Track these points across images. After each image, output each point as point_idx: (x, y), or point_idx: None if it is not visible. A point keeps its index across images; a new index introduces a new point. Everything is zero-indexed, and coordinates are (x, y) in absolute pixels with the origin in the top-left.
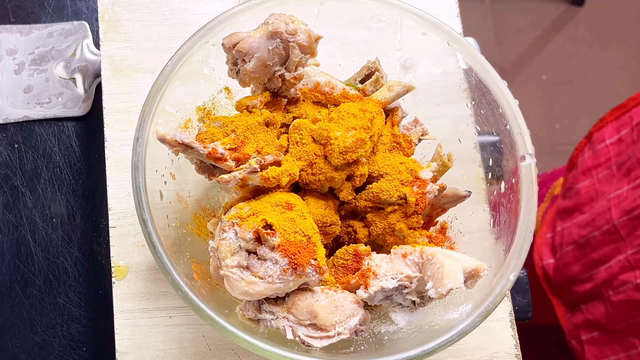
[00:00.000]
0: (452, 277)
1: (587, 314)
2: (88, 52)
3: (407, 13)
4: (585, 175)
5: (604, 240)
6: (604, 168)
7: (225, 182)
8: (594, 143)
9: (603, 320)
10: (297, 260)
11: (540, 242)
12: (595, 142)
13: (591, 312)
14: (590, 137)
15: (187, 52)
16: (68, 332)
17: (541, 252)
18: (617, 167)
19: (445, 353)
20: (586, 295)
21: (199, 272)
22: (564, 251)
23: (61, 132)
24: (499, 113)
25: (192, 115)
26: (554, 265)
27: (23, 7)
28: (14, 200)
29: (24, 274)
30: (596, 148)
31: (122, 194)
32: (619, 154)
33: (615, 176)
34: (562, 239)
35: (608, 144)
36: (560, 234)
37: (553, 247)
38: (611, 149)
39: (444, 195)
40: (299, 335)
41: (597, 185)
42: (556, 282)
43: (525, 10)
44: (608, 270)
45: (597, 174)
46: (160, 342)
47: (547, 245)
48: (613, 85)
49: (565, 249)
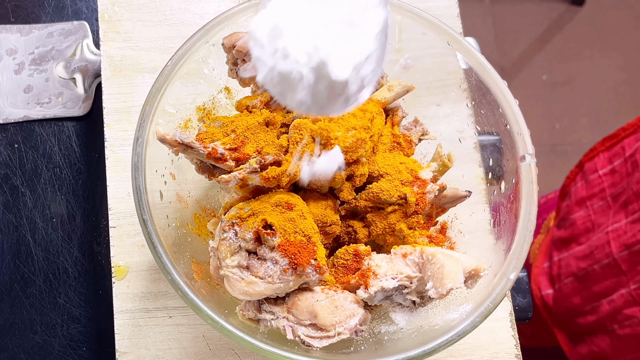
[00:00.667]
0: (452, 277)
1: (592, 345)
2: (88, 52)
3: (407, 13)
4: (580, 205)
5: (605, 273)
6: (599, 199)
7: (225, 182)
8: (586, 173)
9: (609, 352)
10: (297, 260)
11: (537, 271)
12: (588, 172)
13: (596, 344)
14: (581, 167)
15: (187, 52)
16: (68, 332)
17: (539, 282)
18: (612, 198)
19: (445, 353)
20: (590, 328)
21: (199, 272)
22: (563, 283)
23: (61, 132)
24: (499, 113)
25: (192, 115)
26: (553, 296)
27: (23, 7)
28: (14, 200)
29: (24, 274)
30: (589, 178)
31: (122, 194)
32: (613, 185)
33: (611, 208)
34: (560, 270)
35: (601, 174)
36: (558, 264)
37: (551, 277)
38: (605, 180)
39: (444, 195)
40: (299, 335)
41: (593, 216)
42: (556, 312)
43: (525, 10)
44: (611, 304)
45: (592, 205)
46: (160, 342)
47: (545, 275)
48: (613, 85)
49: (564, 280)
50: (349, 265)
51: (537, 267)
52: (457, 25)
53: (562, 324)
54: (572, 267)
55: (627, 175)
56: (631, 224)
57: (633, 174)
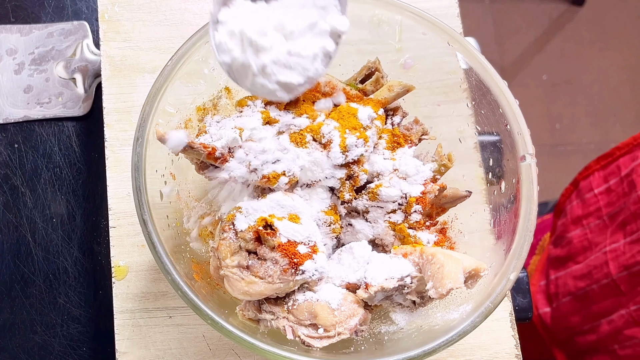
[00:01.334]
0: (452, 277)
1: None
2: (88, 52)
3: (407, 13)
4: (576, 224)
5: (604, 294)
6: (595, 218)
7: (225, 182)
8: (582, 191)
9: None
10: (297, 260)
11: (534, 289)
12: (583, 191)
13: None
14: (576, 185)
15: (187, 52)
16: (68, 332)
17: (536, 300)
18: (609, 217)
19: (445, 353)
20: (590, 347)
21: (199, 272)
22: (561, 302)
23: (61, 132)
24: (499, 113)
25: (192, 115)
26: (551, 315)
27: (23, 7)
28: (14, 200)
29: (24, 274)
30: (585, 197)
31: (122, 194)
32: (610, 204)
33: (608, 227)
34: (558, 289)
35: (597, 193)
36: (555, 283)
37: (548, 295)
38: (600, 199)
39: (444, 195)
40: (299, 335)
41: (590, 235)
42: (555, 331)
43: (525, 10)
44: (611, 324)
45: (588, 224)
46: (160, 342)
47: (542, 293)
48: (613, 85)
49: (562, 299)
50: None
51: (533, 285)
52: (457, 25)
53: (561, 343)
54: (569, 286)
55: (624, 195)
56: (630, 245)
57: (630, 194)
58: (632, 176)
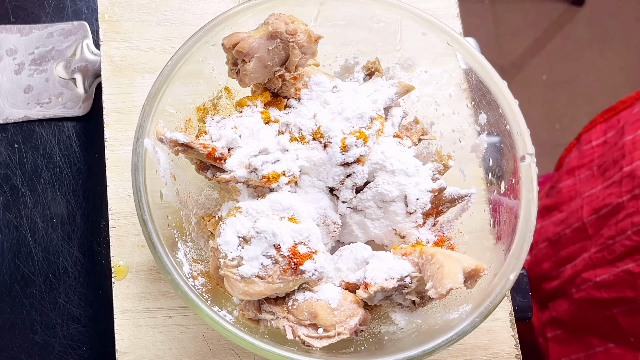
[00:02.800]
0: (452, 277)
1: (553, 311)
2: (88, 52)
3: (407, 13)
4: (569, 175)
5: (573, 238)
6: (587, 169)
7: (225, 182)
8: (582, 144)
9: (566, 319)
10: (297, 260)
11: None
12: (583, 143)
13: (556, 310)
14: (579, 138)
15: (187, 52)
16: (68, 332)
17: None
18: (597, 168)
19: (445, 353)
20: (553, 293)
21: (199, 272)
22: (538, 248)
23: (61, 132)
24: (499, 113)
25: (192, 115)
26: (529, 262)
27: (23, 7)
28: (14, 200)
29: (24, 274)
30: (582, 149)
31: (122, 194)
32: (602, 155)
33: (596, 178)
34: (539, 237)
35: (594, 145)
36: (538, 231)
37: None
38: (596, 150)
39: (444, 195)
40: (299, 335)
41: (578, 185)
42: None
43: (525, 10)
44: (573, 268)
45: (580, 174)
46: (160, 342)
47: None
48: (613, 85)
49: (539, 246)
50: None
51: None
52: (457, 26)
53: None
54: (548, 232)
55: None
56: (604, 189)
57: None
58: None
